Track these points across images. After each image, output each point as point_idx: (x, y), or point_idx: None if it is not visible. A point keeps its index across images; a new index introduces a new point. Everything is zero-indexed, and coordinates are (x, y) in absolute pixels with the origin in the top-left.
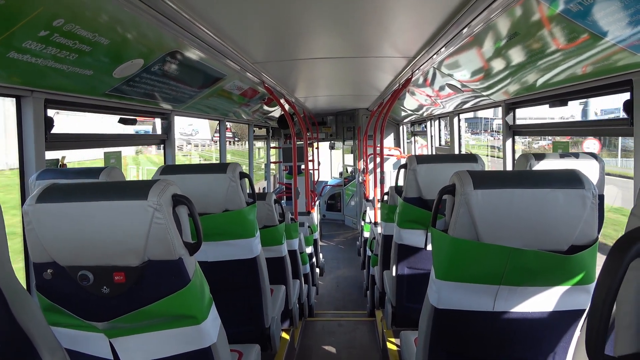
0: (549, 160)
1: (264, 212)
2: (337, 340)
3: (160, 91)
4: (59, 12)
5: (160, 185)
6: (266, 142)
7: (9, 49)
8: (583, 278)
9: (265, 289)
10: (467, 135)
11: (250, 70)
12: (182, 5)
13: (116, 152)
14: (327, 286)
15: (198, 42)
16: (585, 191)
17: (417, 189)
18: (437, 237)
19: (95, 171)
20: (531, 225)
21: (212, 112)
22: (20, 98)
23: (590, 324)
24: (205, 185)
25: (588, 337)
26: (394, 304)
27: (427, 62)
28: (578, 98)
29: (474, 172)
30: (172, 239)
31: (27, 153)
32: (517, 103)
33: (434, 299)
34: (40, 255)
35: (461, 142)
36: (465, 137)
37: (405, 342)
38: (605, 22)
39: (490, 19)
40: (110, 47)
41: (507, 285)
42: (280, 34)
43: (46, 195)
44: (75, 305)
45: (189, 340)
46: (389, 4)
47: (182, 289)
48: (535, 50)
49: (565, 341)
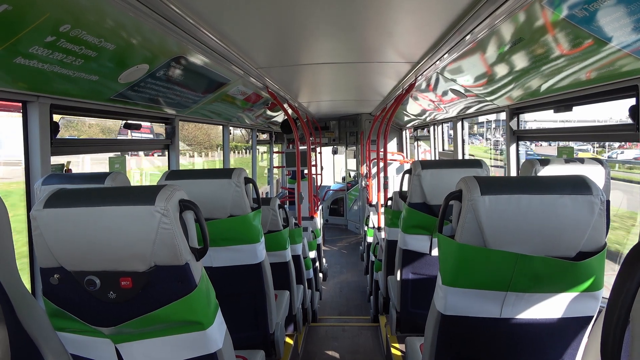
0: (554, 166)
1: (268, 217)
2: (341, 346)
3: (165, 96)
4: (65, 17)
5: (168, 191)
6: (269, 147)
7: (16, 54)
8: (591, 285)
9: (270, 295)
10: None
11: (254, 75)
12: (186, 10)
13: (120, 157)
14: (330, 291)
15: (202, 47)
16: (594, 197)
17: (422, 195)
18: (444, 243)
19: (101, 176)
20: (539, 232)
21: (215, 117)
22: (26, 103)
23: (606, 334)
24: (210, 190)
25: (604, 345)
26: (398, 309)
27: (431, 68)
28: (583, 104)
29: (481, 178)
30: (178, 244)
31: (32, 158)
32: (521, 108)
33: (441, 305)
34: (47, 260)
35: (465, 147)
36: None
37: (410, 348)
38: (610, 27)
39: (494, 25)
40: (115, 52)
41: (514, 291)
42: (284, 38)
43: (54, 200)
44: (81, 311)
45: (194, 346)
46: (393, 10)
47: (188, 294)
48: (539, 55)
49: (572, 348)
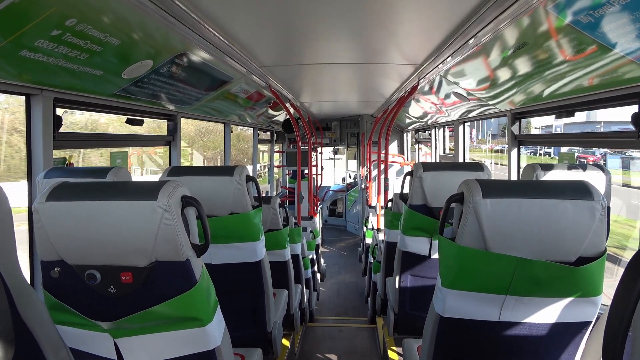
0: (556, 171)
1: (268, 215)
2: (338, 346)
3: (168, 93)
4: (71, 12)
5: (170, 186)
6: (270, 146)
7: (21, 47)
8: (590, 290)
9: (269, 293)
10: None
11: (257, 73)
12: (191, 6)
13: (122, 152)
14: (328, 292)
15: (206, 44)
16: (595, 202)
17: (423, 197)
18: (444, 246)
19: (103, 171)
20: (539, 236)
21: (217, 115)
22: (29, 96)
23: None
24: (212, 187)
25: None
26: (396, 311)
27: (434, 70)
28: (585, 109)
29: (483, 181)
30: (180, 240)
31: (35, 151)
32: (523, 113)
33: (440, 307)
34: (48, 253)
35: (465, 150)
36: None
37: (408, 350)
38: (614, 34)
39: (498, 29)
40: (120, 47)
41: (513, 295)
42: (288, 38)
43: (56, 193)
44: (81, 304)
45: (194, 342)
46: (398, 12)
47: (188, 290)
48: (542, 60)
49: (570, 353)
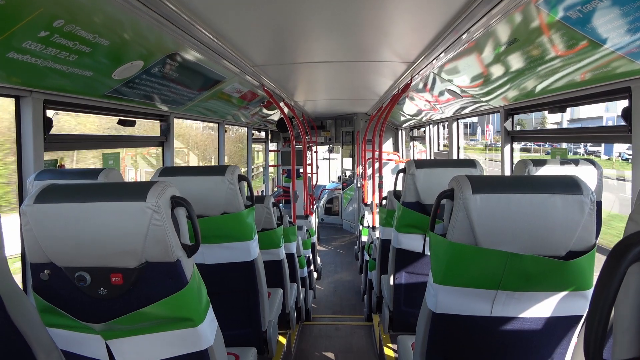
0: (548, 167)
1: (262, 215)
2: (334, 345)
3: (160, 93)
4: (59, 12)
5: (159, 187)
6: (265, 146)
7: (9, 49)
8: (581, 284)
9: (263, 292)
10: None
11: (250, 73)
12: (182, 7)
13: (115, 153)
14: (325, 290)
15: (198, 44)
16: (584, 197)
17: (416, 194)
18: (435, 242)
19: (94, 172)
20: (529, 231)
21: (211, 115)
22: (19, 98)
23: (589, 329)
24: (204, 187)
25: (586, 342)
26: (391, 308)
27: (427, 67)
28: (577, 104)
29: (473, 177)
30: (170, 241)
31: (25, 153)
32: (516, 109)
33: (432, 304)
34: (37, 256)
35: (460, 147)
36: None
37: (402, 346)
38: (604, 29)
39: (489, 25)
40: (110, 48)
41: (504, 290)
42: (280, 37)
43: (44, 195)
44: (71, 307)
45: (185, 342)
46: (389, 9)
47: (179, 291)
48: (534, 56)
49: (562, 347)
